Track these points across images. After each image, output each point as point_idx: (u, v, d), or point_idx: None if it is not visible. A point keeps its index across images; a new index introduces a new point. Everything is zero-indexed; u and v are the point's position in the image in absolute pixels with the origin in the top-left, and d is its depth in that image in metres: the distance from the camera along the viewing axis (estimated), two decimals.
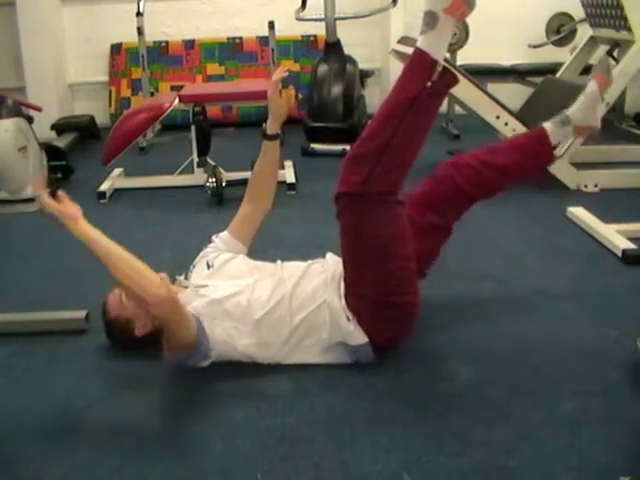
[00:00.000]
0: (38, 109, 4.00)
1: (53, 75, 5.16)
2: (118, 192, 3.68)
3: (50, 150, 3.93)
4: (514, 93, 4.62)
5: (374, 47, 5.22)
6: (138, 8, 4.55)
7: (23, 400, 1.82)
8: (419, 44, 1.74)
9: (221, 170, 3.49)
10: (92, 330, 2.12)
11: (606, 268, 2.54)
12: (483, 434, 1.60)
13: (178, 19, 5.41)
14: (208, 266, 2.03)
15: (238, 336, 1.85)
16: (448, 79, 1.78)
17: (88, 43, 5.39)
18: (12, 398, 1.83)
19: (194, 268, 2.10)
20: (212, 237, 2.17)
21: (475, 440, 1.58)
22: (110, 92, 5.39)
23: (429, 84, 1.73)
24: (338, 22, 4.49)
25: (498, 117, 3.48)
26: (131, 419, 1.71)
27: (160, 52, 5.35)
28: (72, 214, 1.74)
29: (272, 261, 2.07)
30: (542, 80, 4.24)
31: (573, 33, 4.98)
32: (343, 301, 1.85)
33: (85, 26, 5.37)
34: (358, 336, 1.83)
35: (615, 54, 4.13)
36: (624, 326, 2.06)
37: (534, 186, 3.33)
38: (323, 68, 4.52)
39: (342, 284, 1.87)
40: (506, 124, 3.49)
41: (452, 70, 1.79)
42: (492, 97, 3.53)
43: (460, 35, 4.38)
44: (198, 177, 3.63)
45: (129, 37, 4.95)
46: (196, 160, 3.66)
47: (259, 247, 2.23)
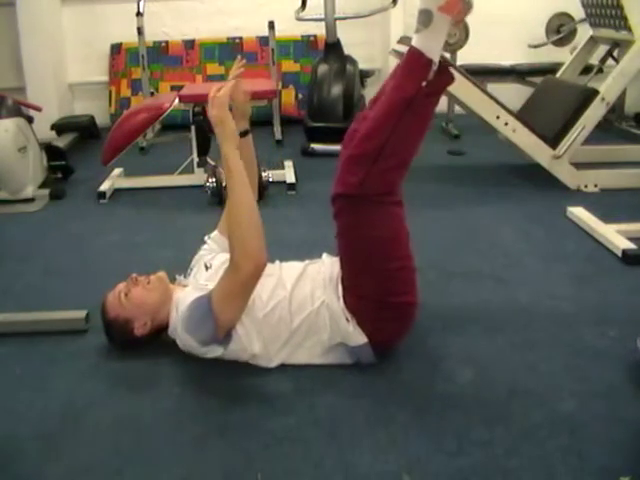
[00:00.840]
0: (38, 109, 4.00)
1: (53, 75, 5.16)
2: (118, 192, 3.68)
3: (50, 150, 3.93)
4: (514, 93, 4.62)
5: (374, 47, 5.22)
6: (138, 8, 4.55)
7: (23, 400, 1.82)
8: (414, 43, 1.73)
9: (221, 170, 3.49)
10: (92, 330, 2.12)
11: (606, 268, 2.54)
12: (483, 434, 1.60)
13: (178, 19, 5.41)
14: (206, 267, 2.03)
15: (250, 335, 1.85)
16: (444, 78, 1.77)
17: (88, 43, 5.39)
18: (12, 398, 1.83)
19: (192, 271, 2.10)
20: (205, 238, 2.17)
21: (475, 440, 1.58)
22: (110, 92, 5.39)
23: (425, 83, 1.72)
24: (338, 22, 4.49)
25: (498, 117, 3.48)
26: (131, 419, 1.71)
27: (160, 52, 5.35)
28: (233, 136, 1.79)
29: (271, 261, 2.07)
30: (542, 80, 4.24)
31: (573, 33, 4.98)
32: (342, 302, 1.84)
33: (85, 26, 5.37)
34: (358, 337, 1.83)
35: (615, 54, 4.13)
36: (624, 326, 2.06)
37: (533, 186, 3.33)
38: (323, 68, 4.52)
39: (340, 285, 1.87)
40: (506, 124, 3.49)
41: (448, 69, 1.78)
42: (492, 97, 3.53)
43: (460, 35, 4.37)
44: (198, 177, 3.63)
45: (129, 37, 4.95)
46: (196, 160, 3.66)
47: None
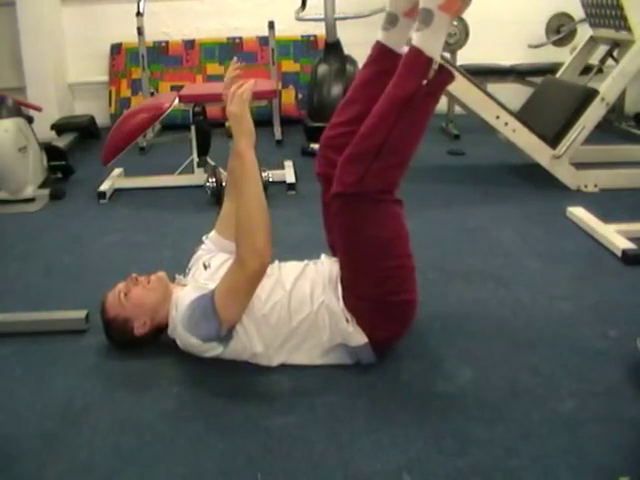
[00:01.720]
0: (38, 109, 4.01)
1: (53, 75, 5.16)
2: (118, 192, 3.69)
3: (50, 150, 3.93)
4: (514, 93, 4.62)
5: None
6: (138, 8, 4.55)
7: (23, 400, 1.82)
8: (414, 42, 1.74)
9: (221, 170, 3.49)
10: (92, 330, 2.12)
11: (606, 268, 2.54)
12: (483, 434, 1.60)
13: (178, 19, 5.41)
14: (205, 267, 2.03)
15: (250, 334, 1.85)
16: (444, 77, 1.77)
17: (88, 43, 5.39)
18: (12, 398, 1.83)
19: (190, 271, 2.10)
20: (203, 238, 2.17)
21: (475, 440, 1.58)
22: (110, 92, 5.39)
23: (425, 82, 1.72)
24: (338, 22, 4.49)
25: (498, 117, 3.48)
26: (131, 419, 1.71)
27: (160, 52, 5.35)
28: (250, 133, 1.75)
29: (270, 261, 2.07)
30: (542, 80, 4.24)
31: (573, 33, 4.98)
32: (341, 302, 1.84)
33: (85, 26, 5.37)
34: (358, 337, 1.83)
35: (615, 54, 4.14)
36: (624, 326, 2.06)
37: (534, 185, 3.33)
38: (323, 68, 4.53)
39: (339, 285, 1.87)
40: (506, 124, 3.49)
41: (448, 67, 1.79)
42: (492, 97, 3.53)
43: (460, 35, 4.37)
44: (198, 177, 3.63)
45: (129, 37, 4.95)
46: (196, 160, 3.66)
47: None
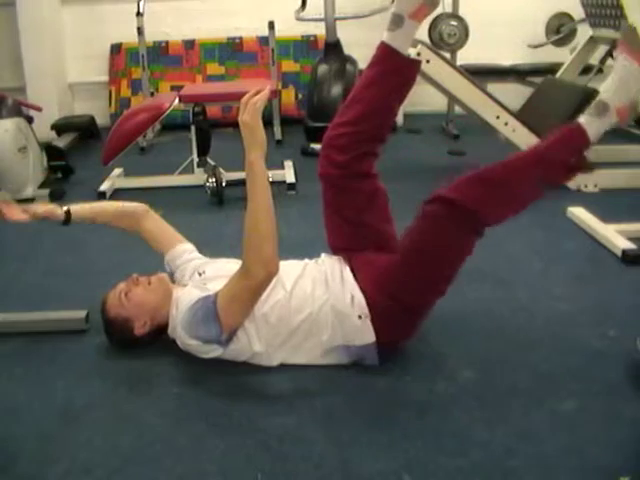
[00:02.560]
0: (38, 109, 4.01)
1: (53, 75, 5.16)
2: (118, 192, 3.68)
3: (50, 150, 3.93)
4: (514, 93, 4.61)
5: (374, 47, 5.28)
6: (138, 8, 4.55)
7: (23, 400, 1.82)
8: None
9: (221, 170, 3.49)
10: (92, 330, 2.12)
11: (606, 268, 2.54)
12: (483, 434, 1.60)
13: (178, 19, 5.41)
14: (199, 274, 2.03)
15: (250, 334, 1.84)
16: (585, 168, 1.90)
17: (88, 43, 5.39)
18: (12, 398, 1.83)
19: (179, 276, 2.10)
20: (166, 266, 2.16)
21: (475, 440, 1.58)
22: (110, 92, 5.38)
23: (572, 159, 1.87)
24: (338, 22, 4.49)
25: (498, 117, 3.48)
26: (131, 419, 1.71)
27: (160, 52, 5.35)
28: (262, 143, 1.76)
29: None
30: (542, 80, 4.24)
31: (573, 33, 4.97)
32: (358, 297, 1.83)
33: (85, 26, 5.36)
34: (367, 335, 1.82)
35: (615, 54, 4.13)
36: (624, 326, 2.06)
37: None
38: (323, 68, 4.53)
39: (349, 283, 1.86)
40: (506, 124, 3.49)
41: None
42: (492, 97, 3.53)
43: (460, 35, 4.37)
44: (198, 177, 3.63)
45: (129, 37, 4.95)
46: (196, 160, 3.66)
47: None
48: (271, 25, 4.66)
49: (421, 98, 1.85)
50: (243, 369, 1.87)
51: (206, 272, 2.02)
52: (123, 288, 1.95)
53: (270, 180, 3.60)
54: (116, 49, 5.38)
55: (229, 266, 2.02)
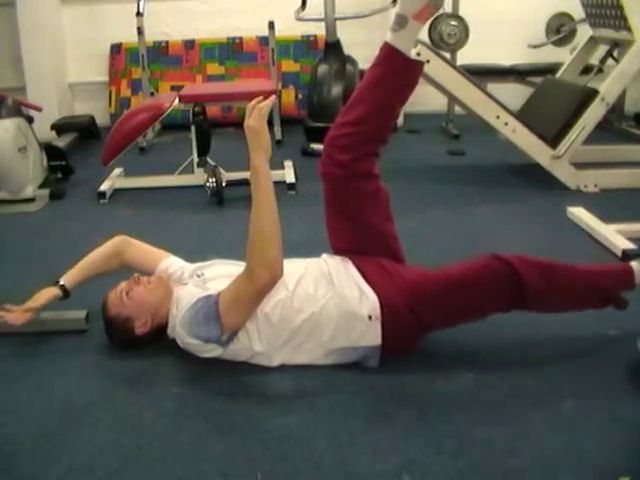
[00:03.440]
0: (38, 109, 4.00)
1: (53, 75, 5.17)
2: (118, 192, 3.68)
3: (50, 150, 3.93)
4: (514, 93, 4.62)
5: (374, 47, 5.26)
6: (138, 8, 4.55)
7: (23, 400, 1.82)
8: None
9: (221, 170, 3.49)
10: (92, 330, 2.12)
11: None
12: (483, 434, 1.60)
13: (178, 19, 5.41)
14: (198, 276, 2.03)
15: (250, 334, 1.84)
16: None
17: (88, 43, 5.39)
18: (12, 398, 1.83)
19: (176, 276, 2.10)
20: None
21: (475, 440, 1.58)
22: (110, 92, 5.39)
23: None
24: (338, 22, 4.49)
25: (498, 117, 3.49)
26: (131, 419, 1.71)
27: (160, 52, 5.35)
28: (267, 148, 1.77)
29: None
30: (542, 80, 4.24)
31: (573, 33, 4.98)
32: (367, 297, 1.83)
33: (85, 26, 5.37)
34: (372, 337, 1.82)
35: (615, 54, 4.13)
36: (624, 326, 2.06)
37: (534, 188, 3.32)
38: (323, 68, 4.52)
39: (356, 281, 1.87)
40: (506, 124, 3.49)
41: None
42: (492, 97, 3.53)
43: (460, 35, 4.37)
44: (198, 177, 3.63)
45: (129, 37, 4.95)
46: (196, 160, 3.66)
47: None
48: (271, 25, 4.66)
49: (421, 98, 1.85)
50: (243, 369, 1.87)
51: (205, 274, 2.02)
52: (124, 287, 1.95)
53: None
54: (116, 49, 5.38)
55: (228, 267, 2.03)
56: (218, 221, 3.21)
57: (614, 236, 2.70)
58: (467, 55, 4.57)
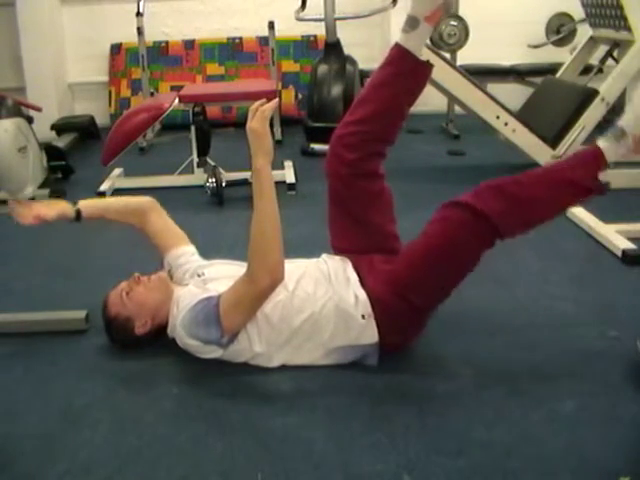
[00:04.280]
0: (38, 109, 4.00)
1: (53, 75, 5.17)
2: (118, 192, 3.68)
3: (50, 150, 3.93)
4: (514, 93, 4.62)
5: (374, 47, 5.25)
6: (138, 8, 4.56)
7: (23, 400, 1.82)
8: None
9: (221, 170, 3.49)
10: (92, 330, 2.12)
11: (606, 268, 2.54)
12: (483, 434, 1.60)
13: (178, 19, 5.41)
14: (198, 275, 2.03)
15: (250, 334, 1.84)
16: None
17: (88, 43, 5.39)
18: (12, 398, 1.83)
19: (175, 275, 2.10)
20: (165, 264, 2.14)
21: (475, 440, 1.58)
22: (110, 92, 5.39)
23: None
24: (338, 22, 4.49)
25: (498, 117, 3.49)
26: (131, 419, 1.71)
27: (160, 52, 5.36)
28: (269, 151, 1.76)
29: None
30: (542, 80, 4.24)
31: (573, 33, 4.98)
32: (360, 298, 1.83)
33: (85, 26, 5.37)
34: (369, 335, 1.83)
35: (615, 54, 4.14)
36: (624, 326, 2.06)
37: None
38: (323, 68, 4.52)
39: (357, 283, 1.86)
40: (506, 124, 3.49)
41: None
42: (492, 97, 3.54)
43: (460, 35, 4.37)
44: (198, 177, 3.63)
45: (129, 37, 4.95)
46: (196, 160, 3.66)
47: None
48: (271, 25, 4.66)
49: (421, 98, 1.84)
50: (243, 369, 1.87)
51: (205, 274, 2.02)
52: (124, 287, 1.95)
53: None
54: (116, 49, 5.38)
55: (229, 267, 2.03)
56: (218, 221, 3.21)
57: (614, 236, 2.70)
58: (467, 55, 4.57)
